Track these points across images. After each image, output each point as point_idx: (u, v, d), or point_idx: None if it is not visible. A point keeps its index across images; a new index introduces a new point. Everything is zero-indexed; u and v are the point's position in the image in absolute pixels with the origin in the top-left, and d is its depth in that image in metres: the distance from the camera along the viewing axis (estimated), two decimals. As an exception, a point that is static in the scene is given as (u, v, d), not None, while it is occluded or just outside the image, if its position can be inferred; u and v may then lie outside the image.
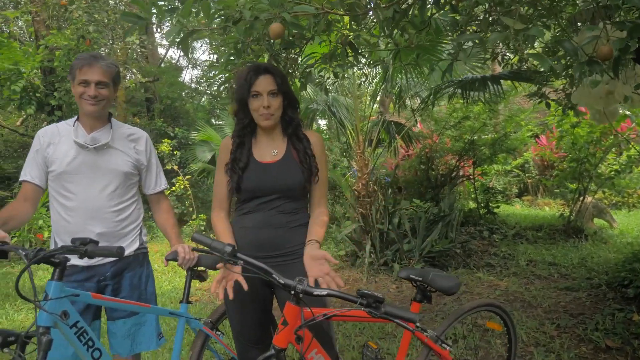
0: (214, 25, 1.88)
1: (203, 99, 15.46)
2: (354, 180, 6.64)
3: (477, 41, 1.80)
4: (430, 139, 7.81)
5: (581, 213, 7.16)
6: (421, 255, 5.63)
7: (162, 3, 1.69)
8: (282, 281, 1.48)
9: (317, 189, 1.98)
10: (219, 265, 1.67)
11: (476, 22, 2.50)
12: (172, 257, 2.04)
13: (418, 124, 8.61)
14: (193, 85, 16.00)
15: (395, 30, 2.83)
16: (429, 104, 6.31)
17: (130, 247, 2.09)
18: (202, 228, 8.51)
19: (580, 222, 7.10)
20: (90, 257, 1.53)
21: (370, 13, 2.47)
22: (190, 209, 8.76)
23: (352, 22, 2.16)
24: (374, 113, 7.84)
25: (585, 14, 2.47)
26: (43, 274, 6.03)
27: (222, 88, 2.70)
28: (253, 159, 1.93)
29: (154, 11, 1.67)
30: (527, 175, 10.75)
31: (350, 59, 2.39)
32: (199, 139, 8.95)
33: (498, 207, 8.03)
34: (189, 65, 17.63)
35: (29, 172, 2.01)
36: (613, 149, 6.86)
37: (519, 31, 1.61)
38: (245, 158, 1.91)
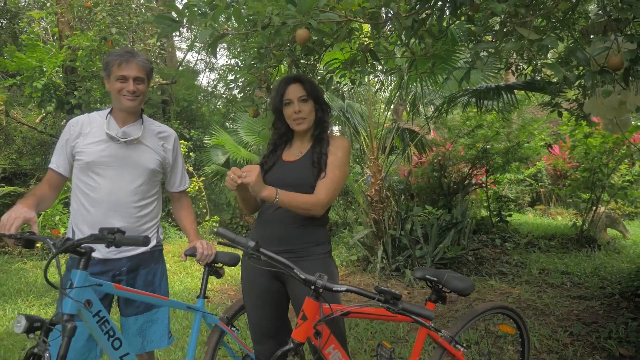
0: (243, 30, 1.96)
1: (219, 102, 15.64)
2: (367, 187, 6.69)
3: (492, 50, 1.86)
4: (443, 146, 7.84)
5: (594, 223, 7.14)
6: (433, 262, 5.66)
7: (195, 8, 1.77)
8: (302, 276, 1.54)
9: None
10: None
11: (491, 32, 2.57)
12: (191, 252, 2.10)
13: (431, 131, 8.66)
14: (209, 89, 16.21)
15: (413, 39, 2.90)
16: (443, 112, 6.36)
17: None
18: (215, 230, 8.63)
19: (593, 232, 7.08)
20: (117, 246, 1.58)
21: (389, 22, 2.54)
22: (204, 211, 8.87)
23: (372, 30, 2.23)
24: (387, 120, 7.92)
25: (597, 27, 2.52)
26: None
27: (244, 91, 2.78)
28: (280, 159, 2.06)
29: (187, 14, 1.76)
30: (539, 184, 10.72)
31: (370, 65, 2.47)
32: (212, 143, 9.09)
33: (510, 215, 8.03)
34: (207, 69, 17.83)
35: (56, 161, 2.07)
36: (626, 160, 6.84)
37: (533, 41, 1.67)
38: (272, 162, 2.04)
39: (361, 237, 6.14)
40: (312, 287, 1.54)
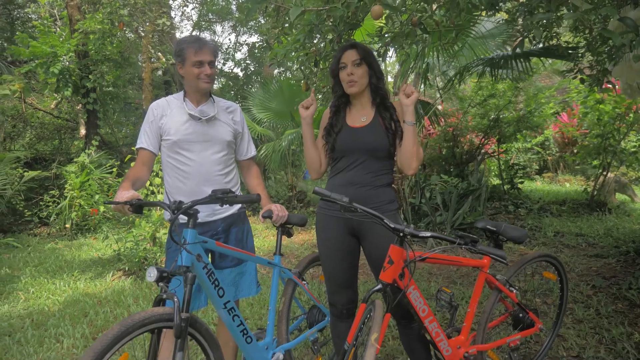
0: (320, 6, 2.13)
1: (221, 80, 15.77)
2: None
3: (542, 22, 2.03)
4: (454, 117, 8.01)
5: (604, 188, 7.37)
6: (452, 227, 5.90)
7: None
8: (392, 225, 1.76)
9: None
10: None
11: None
12: (268, 214, 2.32)
13: (440, 103, 8.82)
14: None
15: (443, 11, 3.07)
16: (456, 82, 6.50)
17: (235, 206, 2.36)
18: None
19: (604, 197, 7.31)
20: (231, 204, 1.81)
21: None
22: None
23: (423, 5, 2.40)
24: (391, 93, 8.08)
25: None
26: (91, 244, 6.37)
27: (301, 67, 2.96)
28: (346, 123, 2.23)
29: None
30: (547, 152, 10.93)
31: (419, 38, 2.65)
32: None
33: (522, 182, 8.25)
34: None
35: (145, 140, 2.26)
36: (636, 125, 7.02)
37: (588, 11, 1.85)
38: (340, 124, 2.22)
39: (382, 206, 6.36)
40: (401, 234, 1.75)
